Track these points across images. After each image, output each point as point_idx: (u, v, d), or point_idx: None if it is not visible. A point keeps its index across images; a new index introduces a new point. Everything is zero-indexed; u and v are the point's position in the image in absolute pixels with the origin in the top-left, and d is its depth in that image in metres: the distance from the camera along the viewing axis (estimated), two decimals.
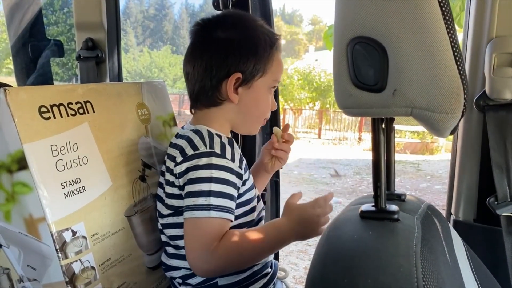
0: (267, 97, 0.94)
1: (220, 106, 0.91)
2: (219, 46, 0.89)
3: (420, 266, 0.50)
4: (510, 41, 0.99)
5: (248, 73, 0.89)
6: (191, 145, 0.86)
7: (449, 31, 0.51)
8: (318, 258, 0.56)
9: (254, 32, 0.90)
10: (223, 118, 0.93)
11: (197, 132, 0.88)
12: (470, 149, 1.11)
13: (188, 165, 0.84)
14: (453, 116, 0.53)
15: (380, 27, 0.53)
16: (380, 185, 0.61)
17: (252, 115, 0.95)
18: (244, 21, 0.93)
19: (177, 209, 0.87)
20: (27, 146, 0.73)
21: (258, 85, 0.91)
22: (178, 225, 0.87)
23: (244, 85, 0.90)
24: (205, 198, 0.81)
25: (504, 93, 0.99)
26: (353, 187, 6.60)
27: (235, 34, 0.89)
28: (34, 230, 0.77)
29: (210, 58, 0.89)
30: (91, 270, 0.81)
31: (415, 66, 0.52)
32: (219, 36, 0.89)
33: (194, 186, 0.82)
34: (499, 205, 1.02)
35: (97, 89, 0.90)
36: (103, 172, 0.86)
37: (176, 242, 0.90)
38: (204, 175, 0.82)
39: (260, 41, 0.90)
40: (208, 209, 0.81)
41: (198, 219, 0.82)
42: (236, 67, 0.88)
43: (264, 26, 0.94)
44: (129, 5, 24.46)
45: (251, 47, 0.89)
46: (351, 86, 0.57)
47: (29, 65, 1.82)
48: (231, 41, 0.89)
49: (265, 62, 0.90)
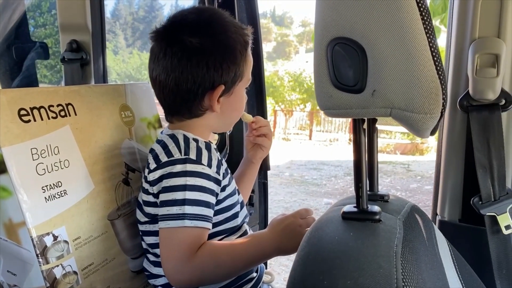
0: (243, 96, 0.93)
1: (202, 116, 0.89)
2: (197, 56, 0.83)
3: (400, 267, 0.50)
4: (493, 42, 1.00)
5: (230, 83, 0.87)
6: (166, 151, 0.83)
7: (427, 32, 0.52)
8: (299, 259, 0.56)
9: (228, 37, 0.86)
10: (204, 126, 0.91)
11: (173, 137, 0.86)
12: (454, 150, 1.12)
13: (162, 172, 0.82)
14: (432, 116, 0.53)
15: (359, 28, 0.54)
16: (362, 186, 0.61)
17: (232, 118, 0.95)
18: (215, 23, 0.87)
19: (154, 217, 0.85)
20: (6, 149, 0.72)
21: (238, 89, 0.90)
22: (155, 233, 0.86)
23: (226, 93, 0.88)
24: (179, 207, 0.79)
25: (487, 94, 1.00)
26: (344, 188, 6.62)
27: (210, 41, 0.84)
28: (14, 235, 0.75)
29: (190, 71, 0.83)
30: (73, 275, 0.80)
31: (394, 67, 0.52)
32: (192, 44, 0.83)
33: (168, 195, 0.80)
34: (483, 205, 1.03)
35: (79, 91, 0.89)
36: (85, 175, 0.84)
37: (155, 250, 0.88)
38: (179, 183, 0.80)
39: (235, 44, 0.86)
40: (183, 218, 0.79)
41: (173, 229, 0.79)
42: (220, 80, 0.85)
43: (234, 23, 0.89)
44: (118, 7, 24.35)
45: (229, 56, 0.85)
46: (331, 87, 0.57)
47: (13, 67, 1.79)
48: (209, 51, 0.83)
49: (242, 65, 0.88)
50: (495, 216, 1.03)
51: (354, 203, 0.63)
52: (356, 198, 0.62)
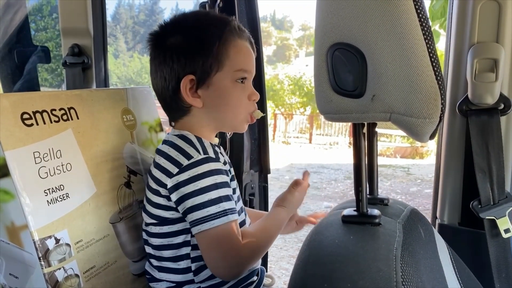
0: (235, 90, 0.88)
1: (190, 113, 0.89)
2: (165, 55, 0.86)
3: (400, 270, 0.50)
4: (491, 47, 1.01)
5: (200, 73, 0.85)
6: (183, 154, 0.83)
7: (426, 38, 0.52)
8: (300, 262, 0.56)
9: (196, 30, 0.87)
10: (199, 124, 0.90)
11: (185, 139, 0.85)
12: (453, 153, 1.12)
13: (187, 176, 0.80)
14: (431, 121, 0.54)
15: (359, 34, 0.54)
16: (362, 190, 0.62)
17: (225, 113, 0.90)
18: (188, 21, 0.90)
19: (164, 219, 0.85)
20: (9, 153, 0.72)
21: (218, 81, 0.86)
22: (162, 235, 0.86)
23: (202, 85, 0.86)
24: (217, 205, 0.80)
25: (486, 98, 1.00)
26: (344, 192, 6.62)
27: (179, 38, 0.86)
28: (16, 238, 0.76)
29: (162, 70, 0.87)
30: (75, 278, 0.80)
31: (393, 72, 0.53)
32: (165, 45, 0.87)
33: (203, 197, 0.80)
34: (482, 209, 1.03)
35: (81, 95, 0.89)
36: (87, 178, 0.85)
37: (161, 253, 0.88)
38: (210, 183, 0.80)
39: (204, 35, 0.85)
40: (225, 214, 0.80)
41: (219, 227, 0.80)
42: (184, 71, 0.85)
43: (211, 17, 0.91)
44: (119, 11, 24.40)
45: (194, 46, 0.85)
46: (331, 92, 0.57)
47: (15, 71, 1.80)
48: (175, 47, 0.86)
49: (217, 55, 0.85)
50: (495, 219, 1.03)
51: (354, 206, 0.64)
52: (356, 201, 0.63)
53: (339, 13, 0.55)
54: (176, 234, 0.86)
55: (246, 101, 0.91)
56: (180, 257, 0.86)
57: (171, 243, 0.86)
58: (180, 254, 0.86)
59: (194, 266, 0.86)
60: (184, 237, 0.85)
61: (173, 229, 0.86)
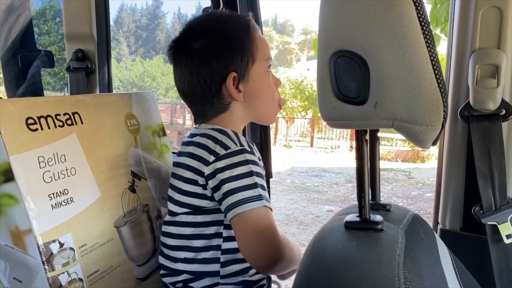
0: (268, 79, 0.95)
1: (229, 109, 0.92)
2: (201, 58, 0.89)
3: (402, 276, 0.51)
4: (493, 53, 1.02)
5: (240, 68, 0.90)
6: (221, 145, 0.85)
7: (428, 45, 0.53)
8: (303, 268, 0.56)
9: (226, 29, 0.91)
10: (235, 119, 0.94)
11: (222, 132, 0.88)
12: (455, 159, 1.12)
13: (224, 164, 0.83)
14: (433, 128, 0.54)
15: (361, 41, 0.55)
16: (364, 195, 0.62)
17: (262, 104, 0.95)
18: (214, 22, 0.94)
19: (197, 208, 0.87)
20: (14, 157, 0.73)
21: (255, 73, 0.92)
22: (195, 224, 0.87)
23: (242, 80, 0.90)
24: (253, 190, 0.81)
25: (487, 104, 1.01)
26: (345, 195, 6.62)
27: (209, 40, 0.90)
28: (20, 242, 0.76)
29: (200, 73, 0.89)
30: (79, 282, 0.81)
31: (395, 80, 0.53)
32: (196, 49, 0.89)
33: (238, 183, 0.82)
34: (484, 214, 1.03)
35: (85, 100, 0.90)
36: (92, 183, 0.86)
37: (191, 242, 0.88)
38: (245, 171, 0.83)
39: (234, 32, 0.90)
40: (261, 199, 0.81)
41: (254, 210, 0.80)
42: (226, 68, 0.89)
43: (232, 15, 0.95)
44: (122, 15, 24.50)
45: (230, 44, 0.89)
46: (334, 99, 0.58)
47: (19, 75, 1.81)
48: (209, 49, 0.89)
49: (249, 49, 0.91)
50: (496, 225, 1.03)
51: (356, 212, 0.64)
52: (358, 207, 0.63)
53: (341, 21, 0.56)
54: (209, 225, 0.87)
55: (275, 88, 0.97)
56: (211, 247, 0.87)
57: (203, 233, 0.87)
58: (211, 245, 0.87)
59: (223, 258, 0.87)
60: (217, 228, 0.87)
61: (206, 219, 0.87)
